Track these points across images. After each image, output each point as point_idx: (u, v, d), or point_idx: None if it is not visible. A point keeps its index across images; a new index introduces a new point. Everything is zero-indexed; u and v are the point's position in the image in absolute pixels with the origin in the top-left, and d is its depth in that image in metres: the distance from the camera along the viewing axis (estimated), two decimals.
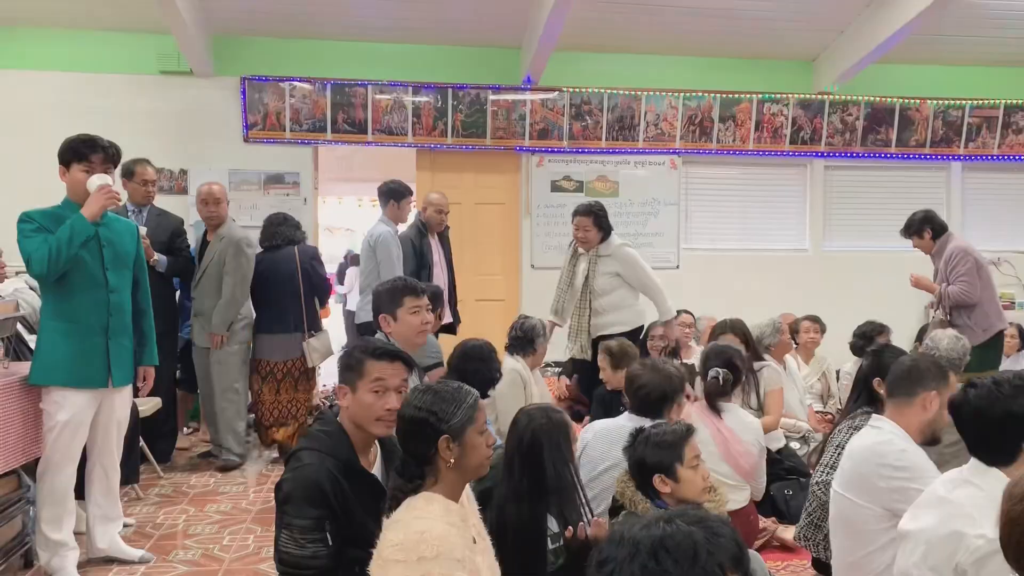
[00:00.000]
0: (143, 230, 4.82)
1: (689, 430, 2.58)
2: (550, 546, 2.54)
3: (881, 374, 3.19)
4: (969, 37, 7.10)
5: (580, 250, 5.20)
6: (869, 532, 2.71)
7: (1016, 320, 6.88)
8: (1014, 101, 7.71)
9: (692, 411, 3.71)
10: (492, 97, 7.15)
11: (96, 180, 3.36)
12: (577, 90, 7.27)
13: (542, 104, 7.25)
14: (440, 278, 5.78)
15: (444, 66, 7.12)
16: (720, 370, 3.68)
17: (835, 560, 2.90)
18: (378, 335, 3.31)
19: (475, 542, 1.99)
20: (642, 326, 5.25)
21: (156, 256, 4.98)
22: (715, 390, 3.70)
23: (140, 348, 3.67)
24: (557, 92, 7.24)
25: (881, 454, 2.69)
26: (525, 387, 4.20)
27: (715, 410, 3.68)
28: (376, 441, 2.36)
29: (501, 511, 2.42)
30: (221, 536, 3.96)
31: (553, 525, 2.61)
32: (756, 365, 4.57)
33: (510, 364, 4.34)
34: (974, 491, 2.12)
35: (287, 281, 5.23)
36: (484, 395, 3.54)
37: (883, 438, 2.72)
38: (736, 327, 4.65)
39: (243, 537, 3.93)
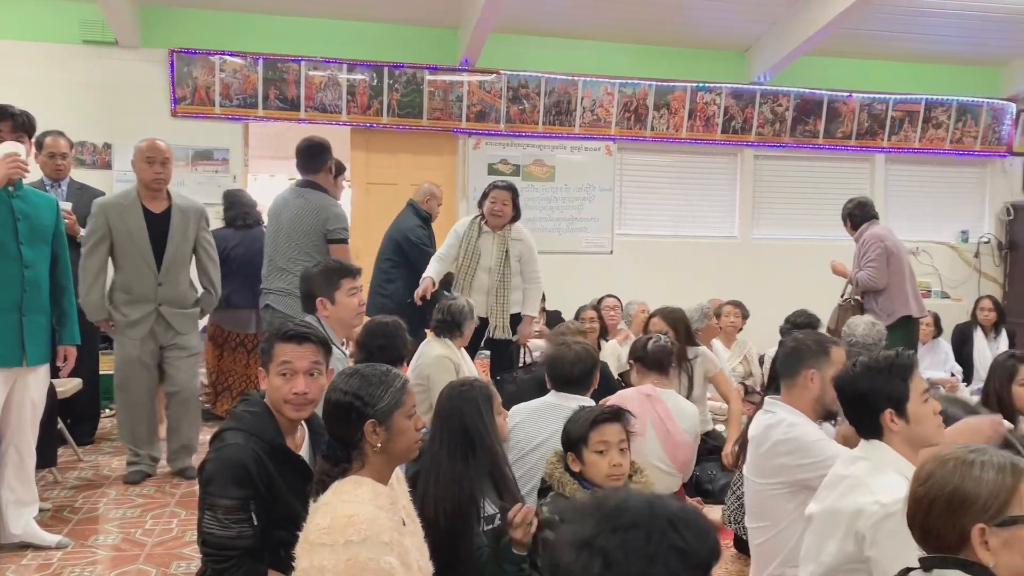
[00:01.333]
0: (67, 205, 4.64)
1: (601, 417, 2.59)
2: (484, 528, 2.55)
3: None
4: (894, 33, 7.32)
5: (485, 228, 4.99)
6: (776, 511, 2.83)
7: (932, 308, 7.15)
8: (935, 97, 7.98)
9: (632, 394, 3.76)
10: (429, 77, 7.09)
11: (4, 148, 3.21)
12: (515, 73, 7.25)
13: (479, 86, 7.22)
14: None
15: (380, 44, 7.02)
16: (659, 335, 3.76)
17: (751, 541, 3.01)
18: (308, 319, 3.27)
19: (404, 524, 1.98)
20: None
21: (82, 232, 4.76)
22: (660, 352, 3.76)
23: (60, 327, 3.54)
24: (494, 75, 7.22)
25: (772, 433, 2.82)
26: (457, 371, 4.18)
27: (665, 374, 3.75)
28: (304, 423, 2.34)
29: (428, 488, 2.42)
30: (144, 520, 3.86)
31: (489, 507, 2.63)
32: (690, 352, 4.64)
33: (438, 350, 4.24)
34: (864, 463, 2.24)
35: (259, 259, 5.13)
36: None
37: (774, 419, 2.84)
38: (671, 316, 4.68)
39: (167, 521, 3.85)
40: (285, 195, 4.62)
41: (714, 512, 3.98)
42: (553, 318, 6.31)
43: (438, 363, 4.14)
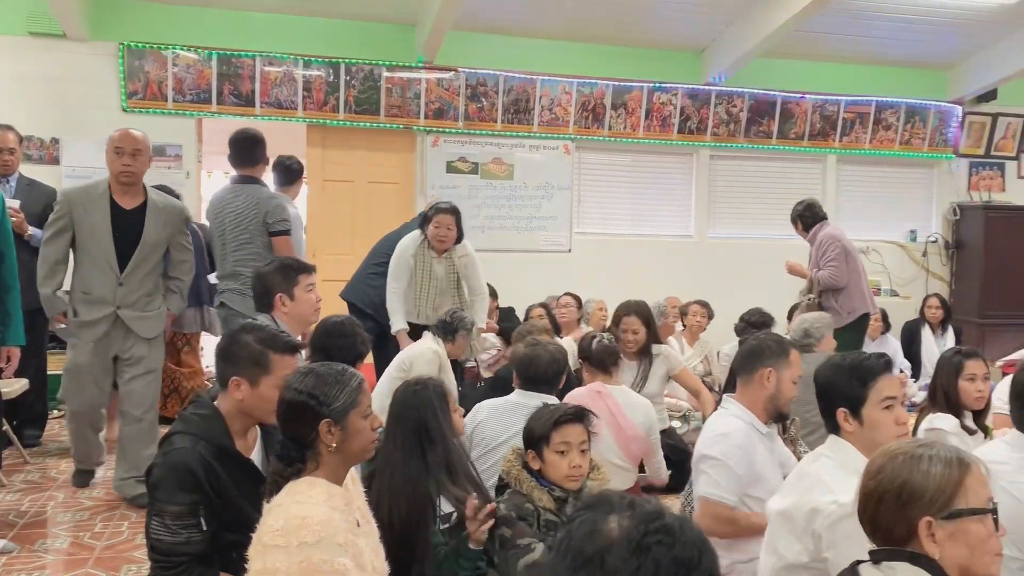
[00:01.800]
0: (14, 203, 4.51)
1: (564, 418, 2.59)
2: (440, 526, 2.54)
3: None
4: (846, 36, 7.45)
5: (431, 252, 4.96)
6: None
7: (882, 305, 7.31)
8: (885, 99, 8.15)
9: (583, 392, 3.78)
10: (386, 74, 7.04)
11: None
12: (473, 71, 7.24)
13: (437, 83, 7.19)
14: None
15: (337, 40, 6.95)
16: (603, 335, 3.79)
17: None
18: (261, 319, 3.23)
19: (359, 525, 1.97)
20: None
21: (31, 230, 4.61)
22: (605, 353, 3.79)
23: (3, 327, 3.45)
24: (453, 72, 7.20)
25: (709, 433, 2.87)
26: (440, 368, 4.20)
27: (609, 374, 3.77)
28: (257, 426, 2.31)
29: (382, 488, 2.40)
30: (93, 523, 3.78)
31: (446, 506, 2.62)
32: (655, 348, 4.70)
33: (429, 343, 4.35)
34: (827, 461, 2.27)
35: (199, 257, 5.05)
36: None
37: (720, 420, 2.88)
38: (643, 312, 4.71)
39: (116, 524, 3.77)
40: (223, 194, 4.54)
41: (674, 505, 4.03)
42: (507, 315, 6.31)
43: (425, 354, 4.22)
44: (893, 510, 1.60)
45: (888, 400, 2.25)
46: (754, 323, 5.80)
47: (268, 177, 5.03)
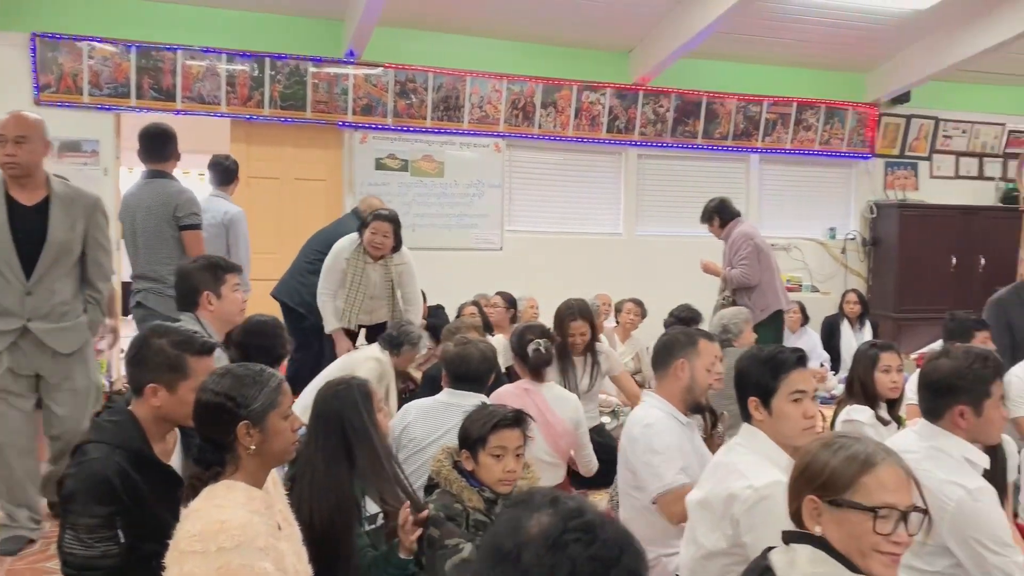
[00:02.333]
0: None
1: (502, 422, 2.58)
2: (367, 528, 2.51)
3: None
4: (768, 38, 7.63)
5: (367, 257, 4.91)
6: (638, 499, 2.93)
7: (803, 301, 7.52)
8: (806, 100, 8.38)
9: (511, 389, 3.79)
10: (312, 69, 6.93)
11: None
12: (402, 67, 7.18)
13: (366, 79, 7.10)
14: None
15: (261, 34, 6.80)
16: (540, 341, 3.80)
17: (625, 525, 3.09)
18: (183, 319, 3.15)
19: (280, 529, 1.93)
20: None
21: None
22: (540, 361, 3.80)
23: None
24: (381, 68, 7.12)
25: (634, 426, 2.94)
26: (381, 379, 4.14)
27: (541, 380, 3.79)
28: (176, 428, 2.25)
29: (304, 490, 2.36)
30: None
31: (371, 507, 2.59)
32: (597, 347, 4.75)
33: (374, 352, 4.31)
34: (741, 449, 2.36)
35: None
36: None
37: (643, 412, 2.95)
38: (587, 314, 4.72)
39: None
40: (132, 190, 4.40)
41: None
42: (436, 312, 6.28)
43: (368, 363, 4.15)
44: (793, 485, 1.71)
45: (798, 393, 2.34)
46: (683, 319, 5.89)
47: (186, 175, 4.89)
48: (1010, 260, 6.66)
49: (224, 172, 5.50)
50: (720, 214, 5.90)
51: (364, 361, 4.24)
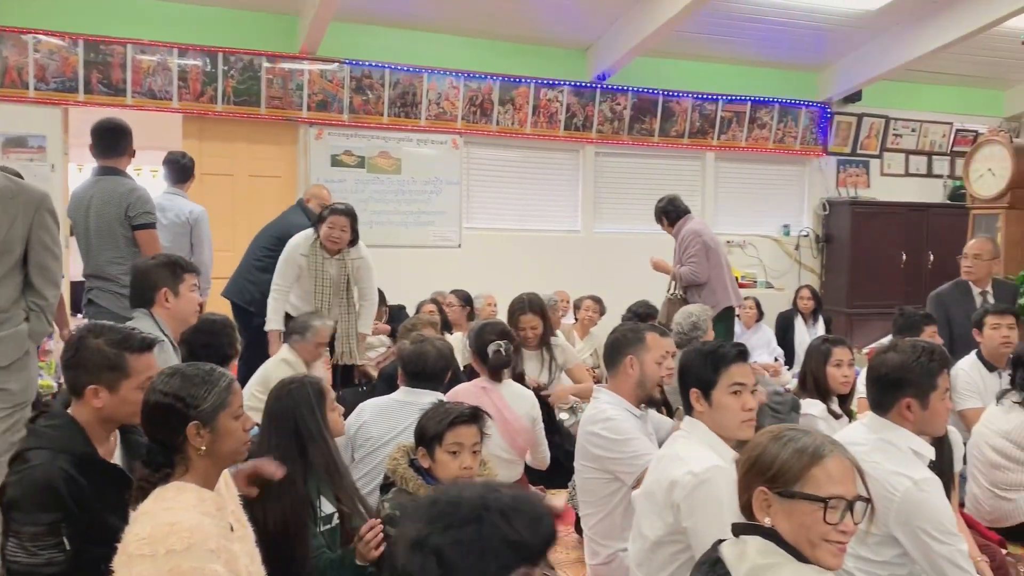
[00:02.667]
0: None
1: (459, 419, 2.57)
2: (321, 528, 2.49)
3: None
4: (723, 37, 7.72)
5: (324, 252, 4.86)
6: (601, 496, 2.96)
7: (757, 297, 7.62)
8: (760, 99, 8.48)
9: (469, 387, 3.79)
10: (267, 65, 6.83)
11: None
12: (358, 63, 7.11)
13: (321, 75, 7.03)
14: None
15: (214, 29, 6.69)
16: (500, 343, 3.79)
17: (584, 525, 3.13)
18: (136, 316, 3.09)
19: (232, 530, 1.90)
20: None
21: None
22: (500, 362, 3.80)
23: None
24: (337, 64, 7.05)
25: (593, 423, 2.97)
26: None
27: (499, 380, 3.79)
28: (116, 429, 2.20)
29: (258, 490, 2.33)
30: None
31: (326, 507, 2.57)
32: (552, 340, 4.77)
33: (282, 353, 4.26)
34: (684, 439, 2.41)
35: None
36: None
37: (598, 408, 3.00)
38: (540, 308, 4.74)
39: None
40: (83, 187, 4.27)
41: (554, 499, 4.08)
42: (397, 314, 6.25)
43: (279, 367, 4.08)
44: (743, 477, 1.74)
45: (737, 386, 2.40)
46: (641, 315, 5.96)
47: (137, 172, 4.78)
48: (957, 256, 6.81)
49: (181, 170, 5.41)
50: (667, 214, 5.97)
51: (276, 367, 4.15)
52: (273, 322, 4.84)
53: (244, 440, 1.93)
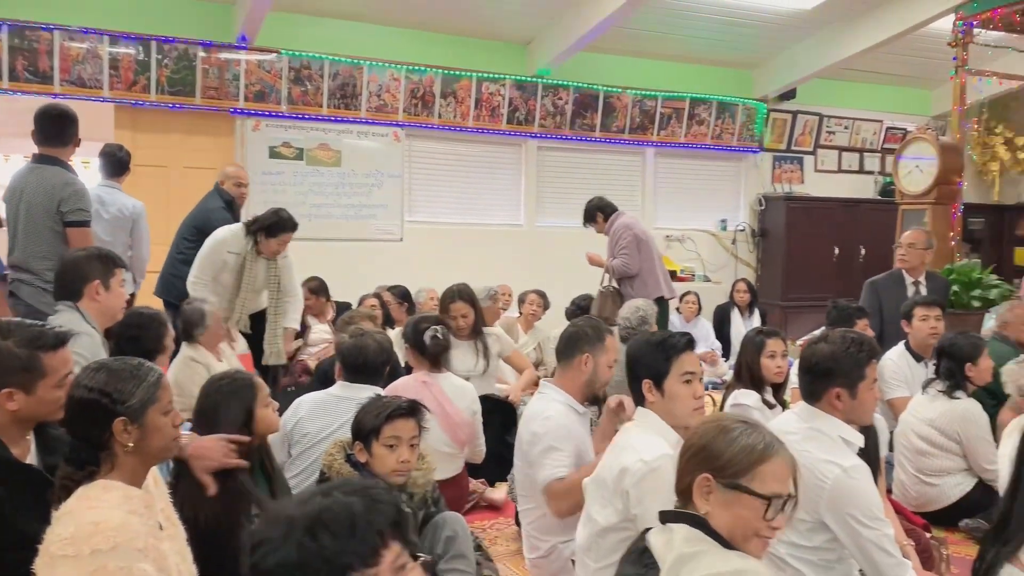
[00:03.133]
0: None
1: (396, 412, 2.55)
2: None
3: None
4: (662, 34, 7.81)
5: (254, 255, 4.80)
6: (535, 490, 2.95)
7: (695, 290, 7.74)
8: (698, 95, 8.61)
9: (409, 381, 3.76)
10: (202, 54, 6.67)
11: None
12: (296, 53, 7.00)
13: (258, 65, 6.90)
14: None
15: (146, 16, 6.51)
16: (436, 328, 3.77)
17: (522, 520, 3.13)
18: (61, 309, 2.99)
19: (162, 529, 1.85)
20: None
21: None
22: (438, 347, 3.78)
23: None
24: (275, 54, 6.93)
25: (531, 420, 2.97)
26: (208, 370, 3.97)
27: (439, 367, 3.76)
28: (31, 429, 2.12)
29: (189, 488, 2.27)
30: None
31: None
32: (485, 330, 4.77)
33: (184, 352, 4.11)
34: (636, 428, 2.44)
35: None
36: None
37: (540, 404, 2.99)
38: (469, 296, 4.74)
39: None
40: (19, 173, 4.11)
41: (495, 493, 4.09)
42: (343, 309, 6.18)
43: (185, 368, 3.97)
44: (690, 465, 1.74)
45: (687, 375, 2.45)
46: (584, 307, 6.04)
47: (77, 164, 4.61)
48: (888, 250, 7.01)
49: (117, 163, 5.26)
50: (603, 211, 6.06)
51: (184, 368, 4.02)
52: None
53: (174, 436, 1.88)
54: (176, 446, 1.92)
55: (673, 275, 8.26)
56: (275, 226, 4.71)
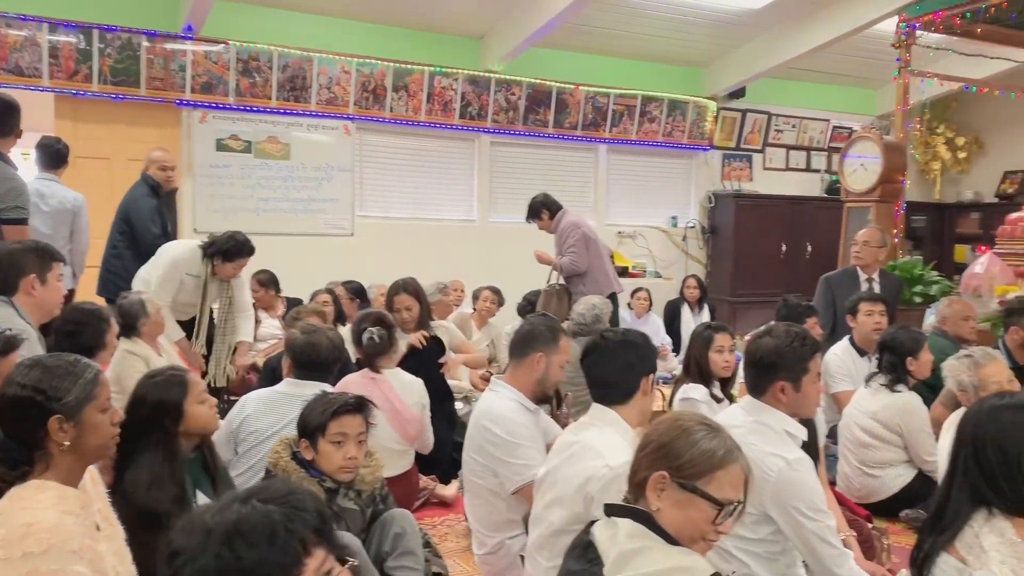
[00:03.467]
0: None
1: (343, 408, 2.52)
2: None
3: None
4: (615, 31, 7.85)
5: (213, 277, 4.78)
6: (488, 488, 2.95)
7: (646, 286, 7.80)
8: (649, 93, 8.67)
9: (357, 378, 3.73)
10: (146, 44, 6.51)
11: None
12: (244, 45, 6.87)
13: (205, 56, 6.76)
14: None
15: (87, 3, 6.33)
16: (373, 330, 3.74)
17: (469, 515, 3.12)
18: None
19: (99, 529, 1.80)
20: None
21: None
22: (374, 350, 3.75)
23: None
24: (223, 45, 6.80)
25: (488, 418, 2.93)
26: (148, 365, 3.88)
27: (376, 369, 3.73)
28: None
29: (126, 487, 2.22)
30: None
31: (203, 500, 2.48)
32: (432, 323, 4.75)
33: (123, 346, 3.97)
34: (594, 429, 2.42)
35: None
36: None
37: (496, 402, 2.97)
38: (415, 290, 4.73)
39: None
40: None
41: (445, 489, 4.08)
42: (293, 305, 6.09)
43: (123, 361, 3.88)
44: (647, 459, 1.74)
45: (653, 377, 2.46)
46: (535, 303, 6.02)
47: (16, 156, 4.45)
48: (833, 247, 7.16)
49: (55, 155, 5.14)
50: (548, 207, 6.03)
51: (123, 362, 3.90)
52: (174, 333, 4.65)
53: (112, 434, 1.84)
54: (114, 444, 1.87)
55: (625, 271, 8.35)
56: (232, 251, 4.66)
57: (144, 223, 5.15)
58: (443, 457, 4.20)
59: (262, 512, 1.13)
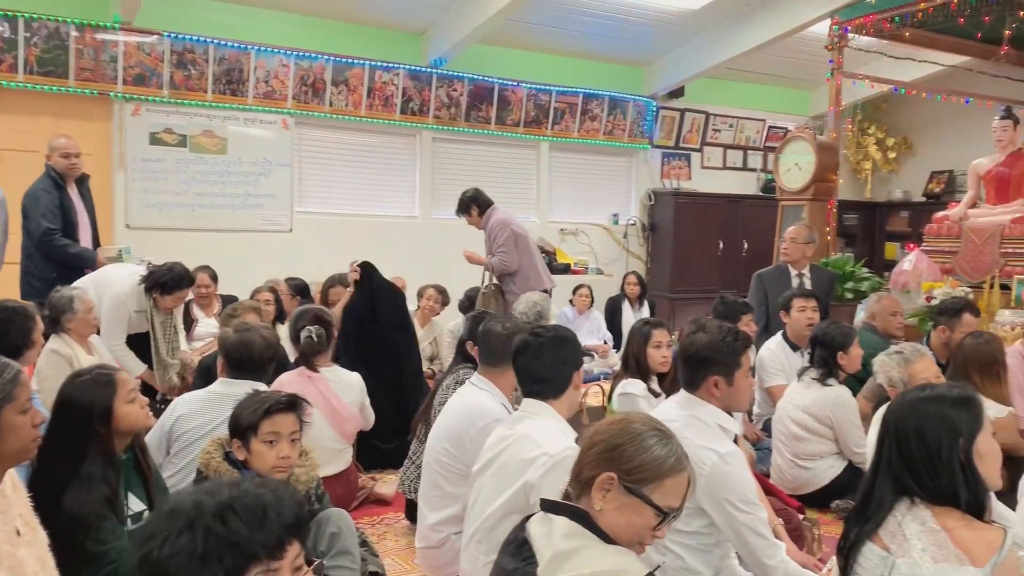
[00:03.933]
0: None
1: (275, 407, 2.48)
2: (130, 526, 2.33)
3: (473, 338, 3.45)
4: (556, 29, 7.88)
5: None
6: (452, 479, 2.94)
7: (588, 283, 7.86)
8: (591, 91, 8.73)
9: (293, 376, 3.68)
10: (75, 34, 6.31)
11: None
12: (179, 36, 6.71)
13: (138, 47, 6.58)
14: (85, 238, 5.12)
15: None
16: (311, 328, 3.70)
17: (422, 501, 3.10)
18: None
19: (19, 535, 1.74)
20: None
21: None
22: (311, 349, 3.70)
23: None
24: (155, 36, 6.62)
25: (478, 415, 2.93)
26: (71, 365, 3.78)
27: (313, 368, 3.68)
28: None
29: (49, 489, 2.15)
30: None
31: (136, 503, 2.42)
32: None
33: (50, 345, 3.89)
34: (530, 421, 2.46)
35: None
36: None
37: (482, 400, 2.98)
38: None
39: None
40: None
41: (384, 487, 4.05)
42: (229, 303, 5.97)
43: (49, 360, 3.77)
44: (594, 456, 1.73)
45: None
46: (473, 299, 6.03)
47: None
48: (769, 244, 7.32)
49: None
50: (478, 203, 5.99)
51: (48, 362, 3.84)
52: (136, 368, 4.57)
53: (32, 436, 1.77)
54: (35, 447, 1.80)
55: (567, 268, 8.41)
56: (170, 284, 4.55)
57: (35, 218, 4.88)
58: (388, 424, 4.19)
59: (256, 494, 1.18)
